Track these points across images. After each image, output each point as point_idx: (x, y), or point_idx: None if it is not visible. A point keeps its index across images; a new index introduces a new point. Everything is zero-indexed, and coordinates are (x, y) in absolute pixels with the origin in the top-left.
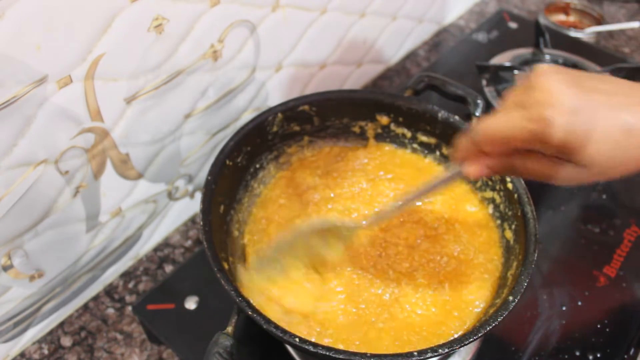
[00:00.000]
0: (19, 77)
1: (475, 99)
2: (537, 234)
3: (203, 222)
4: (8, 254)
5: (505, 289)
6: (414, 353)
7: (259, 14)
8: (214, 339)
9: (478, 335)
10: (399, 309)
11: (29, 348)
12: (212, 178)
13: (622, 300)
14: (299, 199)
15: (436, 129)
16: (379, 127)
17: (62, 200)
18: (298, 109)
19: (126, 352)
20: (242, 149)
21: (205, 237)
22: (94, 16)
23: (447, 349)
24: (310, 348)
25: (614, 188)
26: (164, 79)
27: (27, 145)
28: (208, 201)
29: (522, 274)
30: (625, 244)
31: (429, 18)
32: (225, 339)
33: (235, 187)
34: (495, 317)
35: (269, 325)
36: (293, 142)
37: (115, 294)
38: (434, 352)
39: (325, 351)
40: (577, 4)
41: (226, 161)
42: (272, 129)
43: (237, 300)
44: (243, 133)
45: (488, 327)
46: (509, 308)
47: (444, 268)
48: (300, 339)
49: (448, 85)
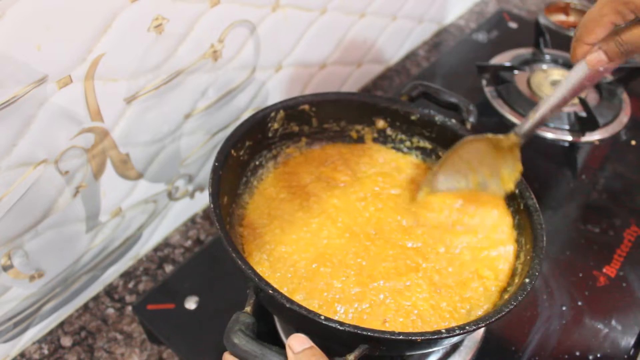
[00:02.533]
0: (19, 77)
1: (467, 106)
2: (542, 223)
3: (213, 205)
4: (8, 254)
5: (517, 277)
6: (442, 331)
7: (259, 14)
8: (233, 317)
9: (502, 314)
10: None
11: (29, 348)
12: (219, 164)
13: (622, 300)
14: (298, 194)
15: (433, 133)
16: (376, 131)
17: (62, 200)
18: (299, 108)
19: (126, 352)
20: (245, 143)
21: (217, 218)
22: (94, 16)
23: (474, 326)
24: (337, 326)
25: (614, 188)
26: (164, 79)
27: (27, 146)
28: (217, 185)
29: (535, 259)
30: (625, 244)
31: (429, 18)
32: (245, 317)
33: (237, 182)
34: (515, 297)
35: (292, 304)
36: (291, 143)
37: (115, 294)
38: (462, 330)
39: (352, 329)
40: (577, 4)
41: (231, 151)
42: (273, 125)
43: (256, 280)
44: (247, 125)
45: (511, 306)
46: (527, 289)
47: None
48: (326, 318)
49: (441, 93)
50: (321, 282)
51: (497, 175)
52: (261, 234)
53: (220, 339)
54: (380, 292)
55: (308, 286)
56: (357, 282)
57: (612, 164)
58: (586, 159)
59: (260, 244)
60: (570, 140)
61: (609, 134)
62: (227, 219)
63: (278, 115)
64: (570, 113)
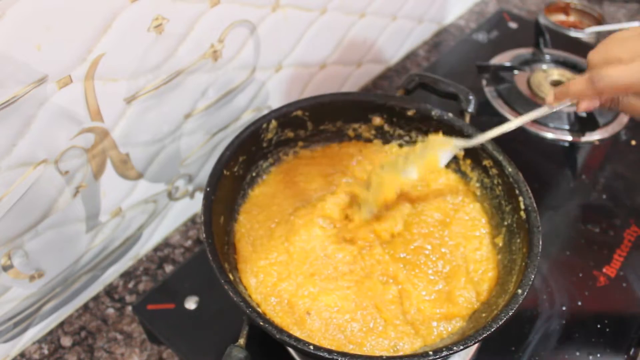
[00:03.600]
0: (19, 77)
1: (467, 96)
2: (539, 225)
3: (206, 234)
4: (8, 254)
5: (511, 284)
6: (429, 353)
7: (259, 14)
8: (226, 352)
9: (490, 331)
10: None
11: (29, 348)
12: (211, 189)
13: (622, 300)
14: (298, 197)
15: (430, 127)
16: (373, 129)
17: (62, 200)
18: (291, 115)
19: (126, 352)
20: (239, 159)
21: (209, 249)
22: (94, 16)
23: (462, 346)
24: (326, 355)
25: (614, 188)
26: (164, 79)
27: (27, 146)
28: (209, 213)
29: (529, 267)
30: (625, 244)
31: (429, 18)
32: (238, 351)
33: (234, 197)
34: (506, 311)
35: (281, 334)
36: (288, 149)
37: (115, 294)
38: (449, 351)
39: (341, 357)
40: (577, 4)
41: (224, 171)
42: (266, 136)
43: (247, 311)
44: (238, 142)
45: (500, 322)
46: (519, 301)
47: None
48: (315, 347)
49: (439, 83)
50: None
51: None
52: (255, 250)
53: (221, 339)
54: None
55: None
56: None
57: (612, 164)
58: (586, 159)
59: (255, 260)
60: (570, 140)
61: (609, 134)
62: (225, 238)
63: (270, 126)
64: (570, 113)
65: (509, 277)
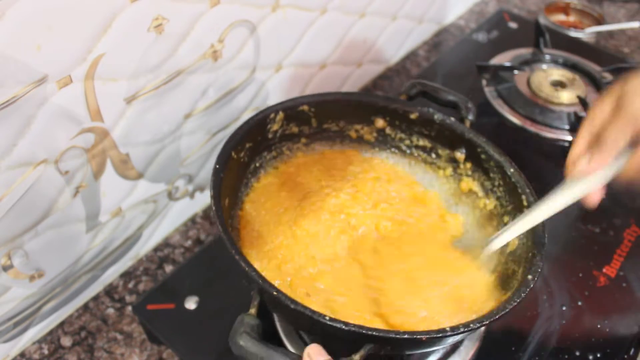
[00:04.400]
0: (19, 77)
1: (466, 104)
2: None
3: (215, 207)
4: (8, 254)
5: (518, 275)
6: (446, 329)
7: (259, 14)
8: (238, 319)
9: (506, 310)
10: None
11: (29, 348)
12: (220, 167)
13: (622, 300)
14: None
15: (432, 132)
16: (375, 131)
17: (62, 200)
18: (298, 109)
19: (126, 352)
20: (245, 144)
21: (219, 221)
22: (94, 16)
23: (479, 324)
24: (342, 326)
25: (614, 188)
26: (164, 79)
27: (27, 146)
28: (218, 188)
29: (536, 256)
30: (625, 244)
31: (429, 18)
32: (250, 318)
33: (238, 184)
34: (518, 294)
35: (296, 305)
36: (291, 144)
37: (115, 294)
38: (466, 328)
39: (357, 329)
40: (577, 4)
41: (232, 153)
42: (272, 126)
43: (259, 281)
44: (247, 127)
45: (514, 303)
46: (529, 285)
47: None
48: (331, 318)
49: (439, 91)
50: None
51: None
52: (261, 235)
53: (221, 339)
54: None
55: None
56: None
57: None
58: None
59: (260, 244)
60: (570, 140)
61: None
62: (229, 221)
63: (277, 117)
64: (570, 113)
65: (512, 277)
